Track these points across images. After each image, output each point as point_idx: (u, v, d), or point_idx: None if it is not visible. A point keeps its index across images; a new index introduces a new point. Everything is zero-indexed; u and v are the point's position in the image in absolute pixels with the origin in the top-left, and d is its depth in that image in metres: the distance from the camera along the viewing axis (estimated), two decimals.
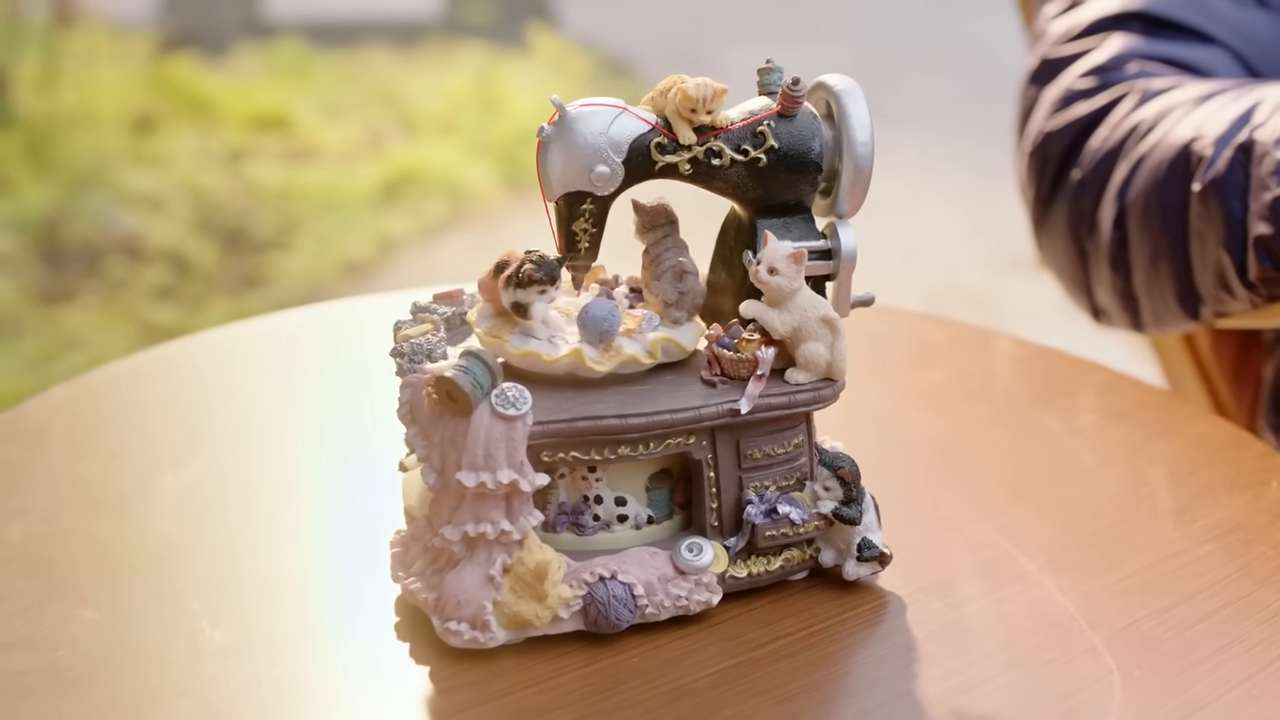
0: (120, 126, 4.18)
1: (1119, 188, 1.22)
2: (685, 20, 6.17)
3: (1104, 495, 1.01)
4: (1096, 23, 1.33)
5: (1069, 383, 1.20)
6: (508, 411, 0.81)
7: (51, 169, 3.81)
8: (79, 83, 4.31)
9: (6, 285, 3.24)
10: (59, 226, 3.53)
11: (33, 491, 1.00)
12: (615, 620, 0.83)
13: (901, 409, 1.15)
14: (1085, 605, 0.88)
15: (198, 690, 0.80)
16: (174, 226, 3.61)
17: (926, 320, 1.33)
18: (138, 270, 3.38)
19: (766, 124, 0.87)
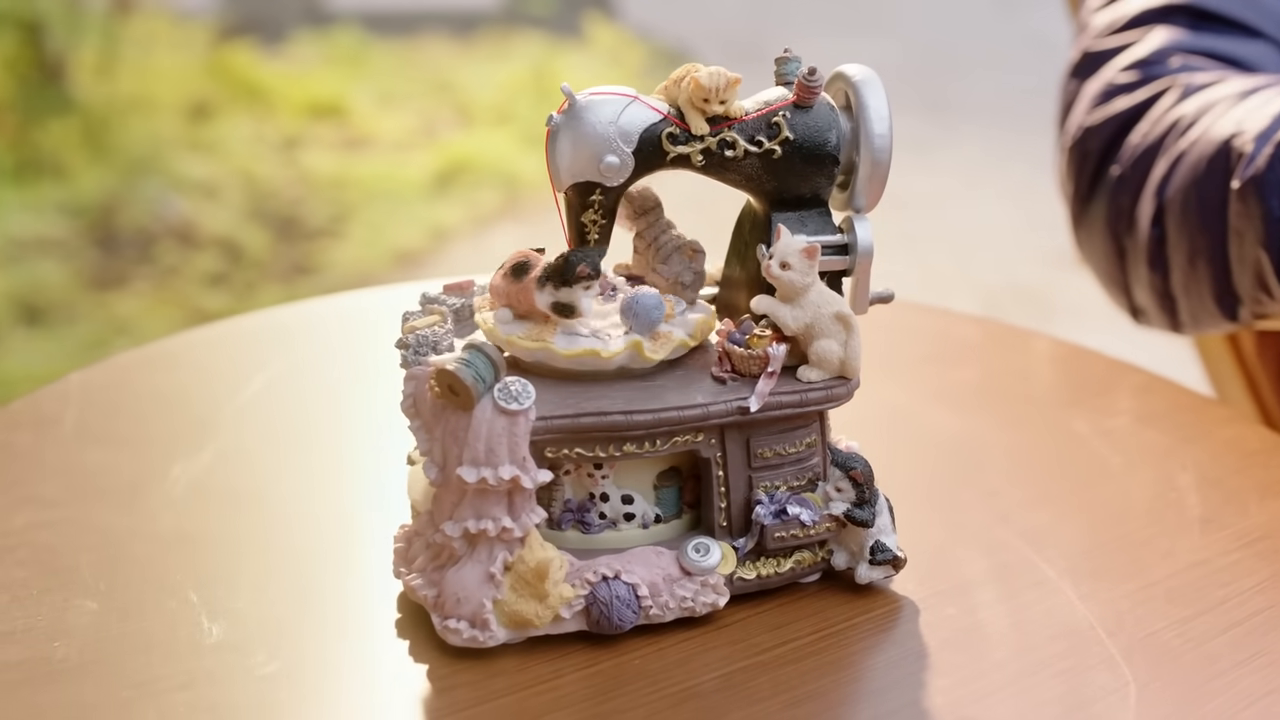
0: (177, 113, 4.20)
1: (1158, 184, 1.19)
2: (744, 11, 6.14)
3: (1130, 500, 0.99)
4: (1140, 15, 1.30)
5: (1102, 384, 1.17)
6: (510, 406, 0.79)
7: (107, 155, 3.82)
8: (137, 70, 4.33)
9: (60, 270, 3.26)
10: (113, 212, 3.55)
11: (41, 479, 0.99)
12: (618, 621, 0.82)
13: (925, 408, 1.13)
14: (1104, 614, 0.85)
15: (194, 684, 0.78)
16: (227, 213, 3.62)
17: (959, 318, 1.30)
18: (190, 257, 3.39)
19: (782, 115, 0.85)
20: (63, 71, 4.04)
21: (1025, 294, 3.46)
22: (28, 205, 3.51)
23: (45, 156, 3.72)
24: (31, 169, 3.67)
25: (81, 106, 4.00)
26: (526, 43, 5.10)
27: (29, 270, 3.24)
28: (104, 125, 3.94)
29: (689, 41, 5.51)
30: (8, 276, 3.20)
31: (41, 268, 3.26)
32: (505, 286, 0.85)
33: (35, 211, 3.49)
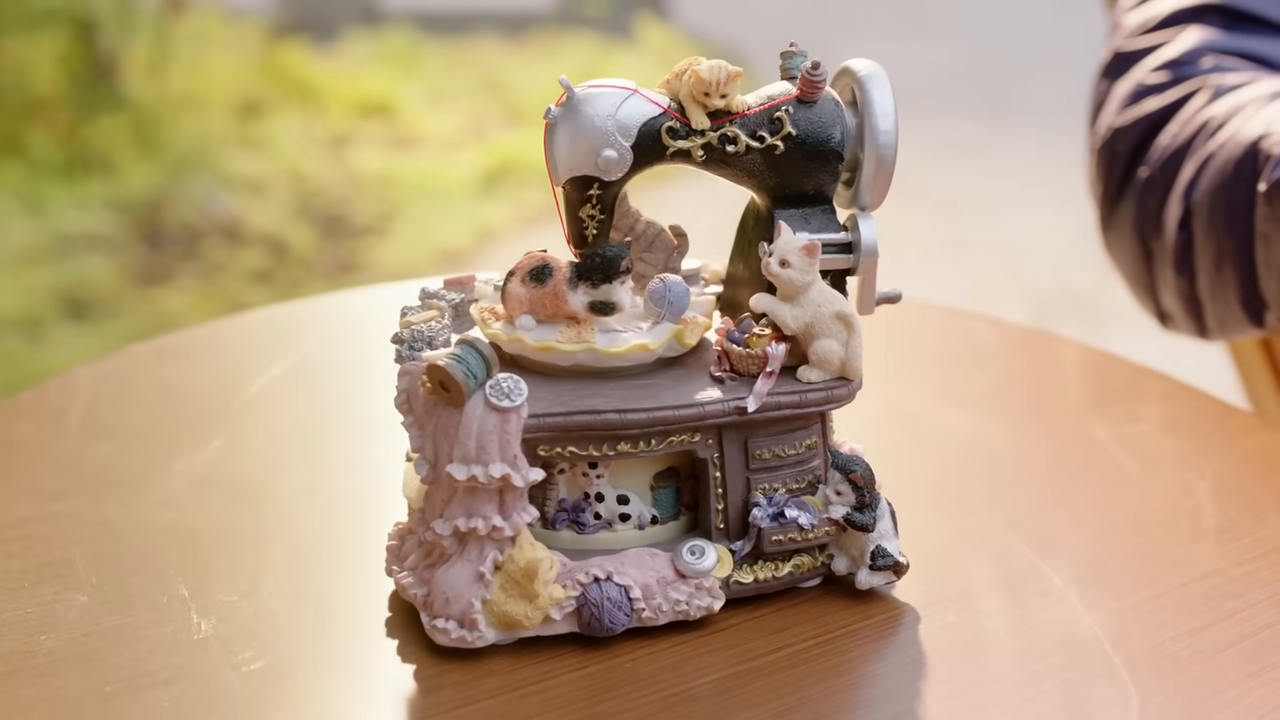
0: (227, 111, 4.22)
1: (1185, 187, 1.16)
2: (799, 13, 6.11)
3: (1144, 508, 0.96)
4: (1173, 15, 1.28)
5: (1125, 390, 1.14)
6: (502, 403, 0.78)
7: (157, 152, 3.85)
8: (188, 67, 4.35)
9: (106, 265, 3.28)
10: (161, 208, 3.57)
11: (42, 471, 0.99)
12: (609, 623, 0.80)
13: (941, 412, 1.11)
14: (1110, 624, 0.83)
15: (178, 680, 0.78)
16: (274, 211, 3.63)
17: (981, 321, 1.28)
18: (235, 253, 3.41)
19: (785, 109, 0.83)
20: (115, 69, 4.06)
21: (1078, 300, 3.42)
22: (77, 201, 3.53)
23: (95, 153, 3.74)
24: (81, 165, 3.69)
25: (132, 104, 4.02)
26: (578, 43, 5.10)
27: (76, 265, 3.26)
28: (154, 122, 3.97)
29: (743, 42, 5.49)
30: (55, 271, 3.22)
31: (88, 263, 3.28)
32: (526, 292, 0.83)
33: (84, 207, 3.51)
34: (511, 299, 0.83)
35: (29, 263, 3.24)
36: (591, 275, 0.82)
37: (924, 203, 3.87)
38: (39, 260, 3.26)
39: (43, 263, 3.25)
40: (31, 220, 3.42)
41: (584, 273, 0.82)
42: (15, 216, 3.42)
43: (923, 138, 4.46)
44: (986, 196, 3.96)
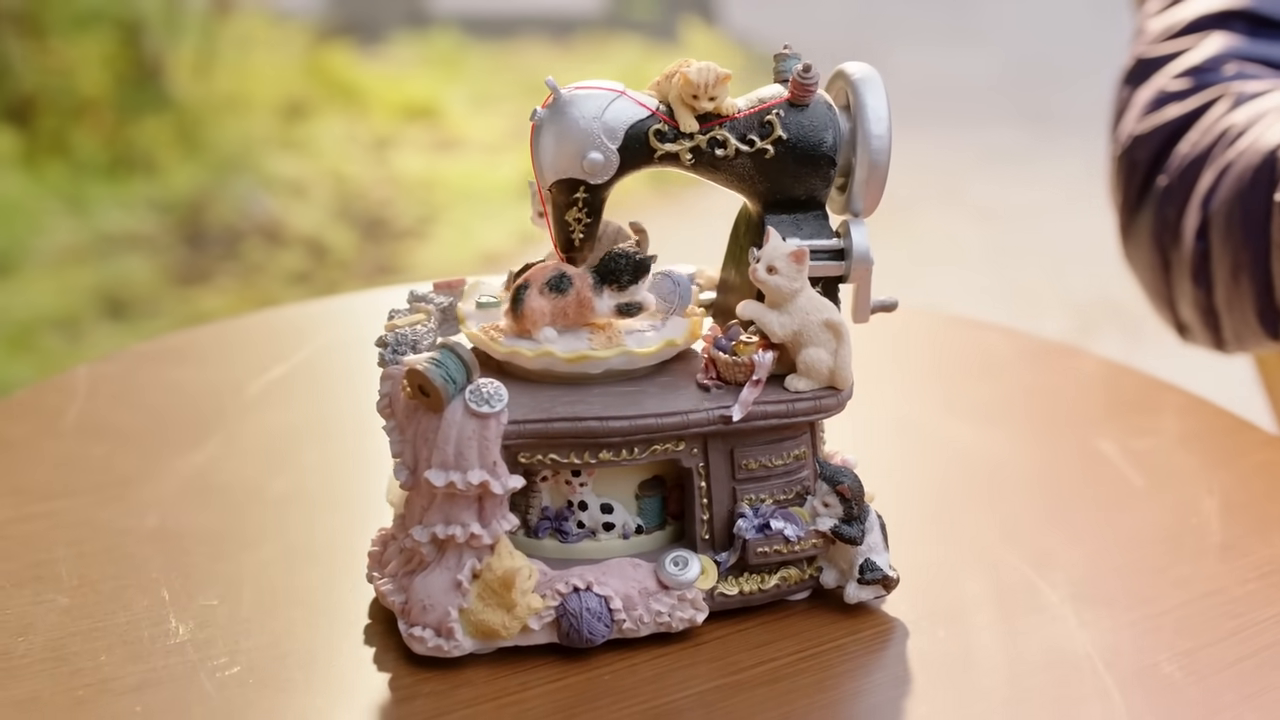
0: (271, 112, 4.23)
1: (1204, 196, 1.14)
2: (847, 20, 6.08)
3: (1148, 524, 0.94)
4: (1197, 21, 1.25)
5: (1137, 403, 1.12)
6: (481, 409, 0.77)
7: (200, 152, 3.86)
8: (234, 69, 4.36)
9: (147, 265, 3.29)
10: (202, 209, 3.58)
11: (33, 472, 0.98)
12: (588, 634, 0.79)
13: (945, 422, 1.09)
14: (1104, 643, 0.81)
15: (151, 684, 0.77)
16: (315, 212, 3.64)
17: (995, 331, 1.25)
18: (275, 254, 3.41)
19: (775, 113, 0.82)
20: (161, 70, 4.08)
21: (1118, 311, 3.38)
22: (120, 201, 3.55)
23: (138, 154, 3.76)
24: (125, 166, 3.71)
25: (177, 105, 4.04)
26: (623, 47, 5.09)
27: (117, 265, 3.28)
28: (198, 123, 3.98)
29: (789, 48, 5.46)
30: (96, 271, 3.24)
31: (129, 262, 3.29)
32: (548, 304, 0.81)
33: (126, 207, 3.53)
34: (533, 313, 0.81)
35: (71, 262, 3.26)
36: (619, 278, 0.81)
37: (965, 210, 3.83)
38: (80, 259, 3.27)
39: (84, 262, 3.27)
40: (75, 220, 3.44)
41: (610, 276, 0.81)
42: (59, 216, 3.44)
43: (964, 145, 4.43)
44: (1028, 205, 3.92)
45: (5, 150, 3.63)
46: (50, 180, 3.59)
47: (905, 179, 4.06)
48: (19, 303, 3.08)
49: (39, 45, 3.93)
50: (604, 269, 0.81)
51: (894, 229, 3.58)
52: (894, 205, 3.85)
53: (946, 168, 4.22)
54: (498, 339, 0.82)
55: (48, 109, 3.81)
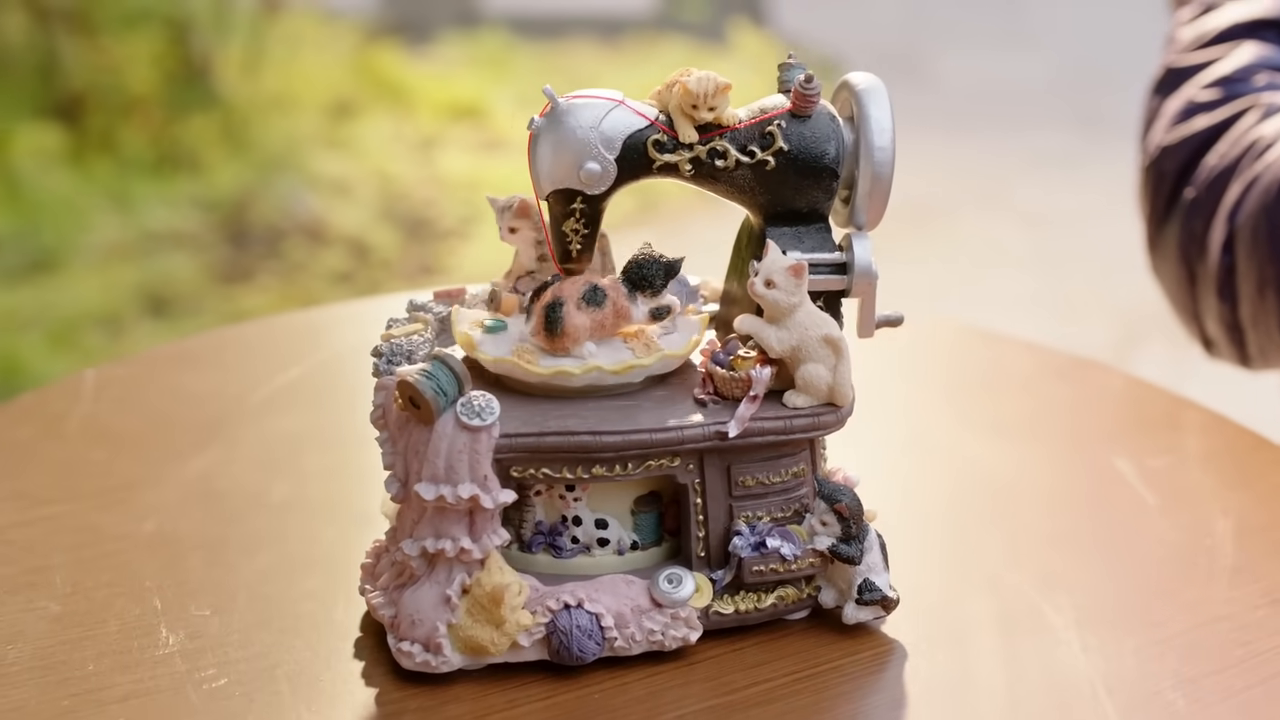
0: (318, 111, 4.24)
1: (1230, 209, 1.11)
2: (900, 23, 6.04)
3: (1159, 545, 0.92)
4: (1228, 30, 1.23)
5: (1157, 420, 1.09)
6: (472, 422, 0.76)
7: (246, 151, 3.87)
8: (282, 68, 4.37)
9: (190, 263, 3.30)
10: (246, 208, 3.59)
11: (33, 476, 0.98)
12: (578, 652, 0.77)
13: (958, 439, 1.07)
14: (1108, 668, 0.79)
15: (137, 695, 0.76)
16: (358, 212, 3.64)
17: (1016, 345, 1.23)
18: (318, 254, 3.41)
19: (777, 124, 0.80)
20: (209, 69, 4.09)
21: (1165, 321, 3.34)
22: (165, 199, 3.56)
23: (184, 152, 3.77)
24: (170, 163, 3.72)
25: (224, 103, 4.05)
26: (671, 48, 5.07)
27: (160, 262, 3.29)
28: (244, 122, 3.99)
29: (840, 51, 5.43)
30: (140, 268, 3.25)
31: (173, 260, 3.30)
32: (587, 319, 0.79)
33: (171, 205, 3.54)
34: (576, 330, 0.79)
35: (115, 259, 3.27)
36: (653, 283, 0.81)
37: (1011, 215, 3.80)
38: (124, 257, 3.29)
39: (128, 259, 3.28)
40: (120, 217, 3.46)
41: (644, 282, 0.81)
42: (104, 213, 3.46)
43: (1012, 149, 4.39)
44: (1076, 210, 3.88)
45: (54, 147, 3.65)
46: (97, 177, 3.61)
47: (950, 183, 4.03)
48: (63, 299, 3.10)
49: (89, 43, 3.95)
50: (636, 276, 0.81)
51: (938, 234, 3.55)
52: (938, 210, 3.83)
53: (993, 172, 4.18)
54: (534, 361, 0.79)
55: (97, 107, 3.83)
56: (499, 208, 0.85)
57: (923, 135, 4.50)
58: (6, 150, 3.59)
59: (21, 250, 3.27)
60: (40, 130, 3.69)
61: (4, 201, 3.45)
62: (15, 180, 3.52)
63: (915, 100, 4.96)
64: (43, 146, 3.63)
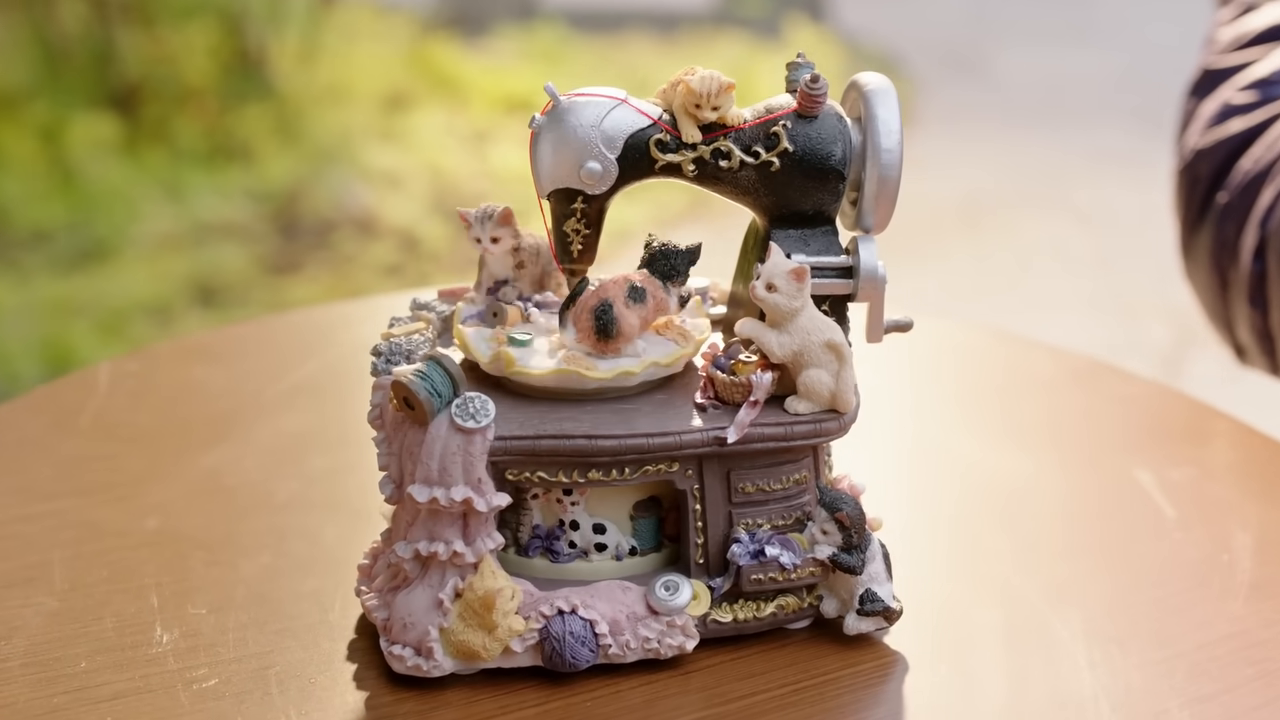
0: (372, 104, 4.25)
1: (1263, 215, 1.09)
2: (961, 19, 5.99)
3: (1175, 559, 0.90)
4: (1267, 31, 1.20)
5: (1182, 430, 1.07)
6: (466, 424, 0.75)
7: (298, 143, 3.88)
8: (337, 60, 4.38)
9: (240, 254, 3.31)
10: (297, 199, 3.60)
11: (40, 469, 0.98)
12: (571, 659, 0.76)
13: (971, 446, 1.04)
14: (1114, 686, 0.77)
15: (126, 695, 0.76)
16: (409, 205, 3.64)
17: (1042, 350, 1.20)
18: (367, 246, 3.42)
19: (782, 124, 0.79)
20: (264, 60, 4.11)
21: None
22: (217, 189, 3.58)
23: (237, 143, 3.79)
24: (223, 154, 3.74)
25: (278, 95, 4.07)
26: (728, 43, 5.05)
27: (211, 253, 3.30)
28: (298, 113, 4.00)
29: (900, 48, 5.40)
30: (191, 258, 3.26)
31: (223, 251, 3.32)
32: (635, 316, 0.79)
33: (223, 196, 3.55)
34: (630, 329, 0.78)
35: (166, 249, 3.29)
36: (680, 272, 0.80)
37: (1070, 214, 3.76)
38: (175, 247, 3.30)
39: (179, 250, 3.30)
40: (172, 207, 3.47)
41: (672, 272, 0.80)
42: (157, 203, 3.48)
43: (1073, 148, 4.35)
44: (1139, 207, 3.83)
45: (109, 137, 3.67)
46: (150, 168, 3.63)
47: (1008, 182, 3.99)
48: (114, 288, 3.12)
49: (146, 34, 3.98)
50: (665, 268, 0.80)
51: (993, 233, 3.51)
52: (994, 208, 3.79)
53: (1052, 170, 4.14)
54: (593, 366, 0.78)
55: (152, 97, 3.85)
56: (477, 218, 0.84)
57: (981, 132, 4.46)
58: (62, 140, 3.62)
59: (74, 239, 3.29)
60: (95, 120, 3.71)
61: (58, 191, 3.47)
62: (70, 170, 3.54)
63: (974, 97, 4.92)
64: (98, 136, 3.66)
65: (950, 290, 3.17)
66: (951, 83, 5.10)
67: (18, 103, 3.78)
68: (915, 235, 3.41)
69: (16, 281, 3.11)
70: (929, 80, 5.10)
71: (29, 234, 3.32)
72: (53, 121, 3.69)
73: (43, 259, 3.22)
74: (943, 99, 4.89)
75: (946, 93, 4.96)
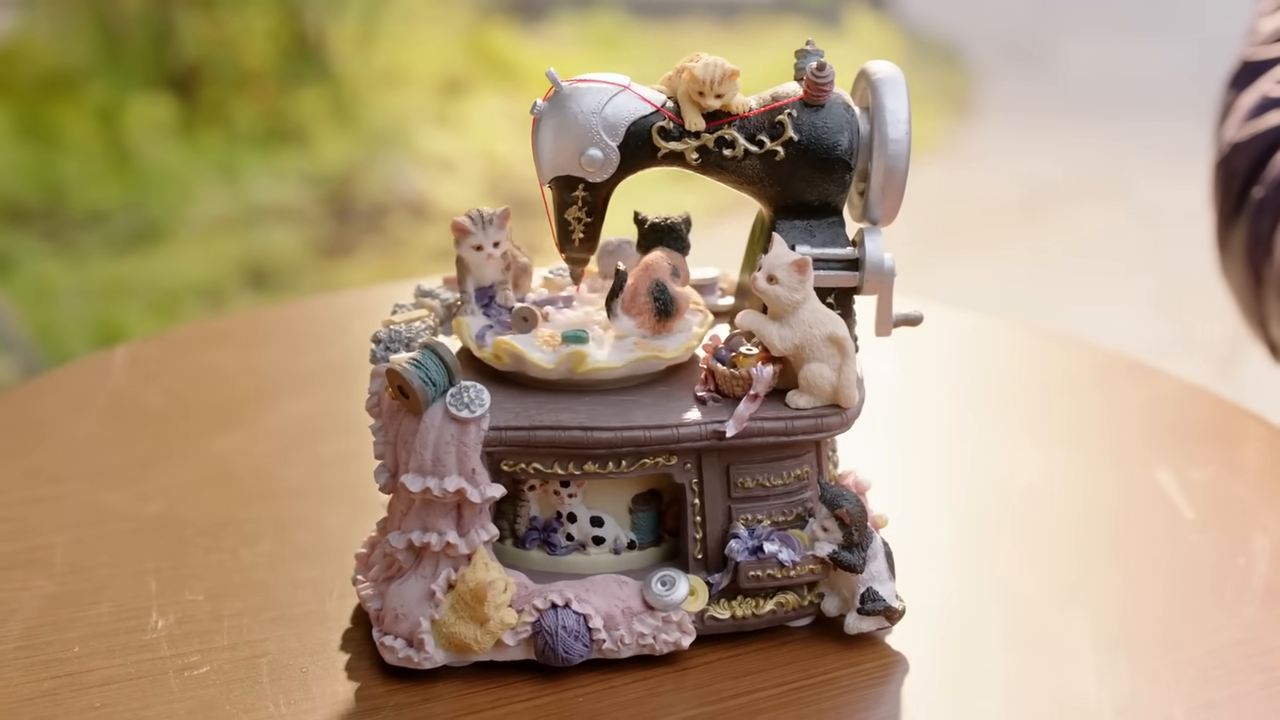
0: (428, 88, 4.25)
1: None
2: (1025, 7, 5.93)
3: (1190, 562, 0.87)
4: None
5: (1207, 431, 1.04)
6: (461, 413, 0.74)
7: (354, 126, 3.89)
8: (395, 44, 4.38)
9: (293, 237, 3.32)
10: (351, 182, 3.60)
11: (50, 451, 0.97)
12: (563, 653, 0.75)
13: (996, 443, 1.02)
14: (1119, 692, 0.75)
15: (117, 681, 0.75)
16: (463, 189, 3.64)
17: (1077, 345, 1.18)
18: (420, 230, 3.42)
19: (788, 113, 0.77)
20: (322, 43, 4.12)
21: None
22: (271, 172, 3.59)
23: (293, 126, 3.80)
24: (279, 137, 3.75)
25: (335, 78, 4.07)
26: (788, 31, 5.01)
27: (264, 235, 3.31)
28: (354, 97, 4.01)
29: (961, 38, 5.34)
30: (244, 241, 3.27)
31: (276, 233, 3.33)
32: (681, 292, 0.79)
33: (278, 178, 3.57)
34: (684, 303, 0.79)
35: (219, 231, 3.30)
36: (685, 240, 0.85)
37: (1130, 208, 3.71)
38: (229, 229, 3.32)
39: (232, 232, 3.31)
40: (226, 189, 3.49)
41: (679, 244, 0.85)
42: (211, 185, 3.49)
43: (1136, 140, 4.29)
44: (1197, 203, 3.78)
45: (166, 119, 3.69)
46: (206, 150, 3.65)
47: (1068, 174, 3.95)
48: (167, 270, 3.13)
49: (206, 16, 3.99)
50: (675, 242, 0.83)
51: (1051, 226, 3.47)
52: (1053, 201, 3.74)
53: (1113, 163, 4.08)
54: (662, 348, 0.78)
55: (210, 80, 3.87)
56: (480, 224, 0.79)
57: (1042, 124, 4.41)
58: (119, 121, 3.64)
59: (129, 220, 3.31)
60: (153, 102, 3.73)
61: (115, 172, 3.49)
62: (126, 151, 3.56)
63: (1036, 88, 4.87)
64: (155, 118, 3.68)
65: (1006, 283, 3.14)
66: (1013, 73, 5.04)
67: (77, 84, 3.80)
68: (972, 227, 3.38)
69: (72, 261, 3.14)
70: (990, 70, 5.05)
71: (85, 214, 3.34)
72: (111, 103, 3.72)
73: (98, 239, 3.24)
74: (1004, 89, 4.84)
75: (1008, 83, 4.91)
